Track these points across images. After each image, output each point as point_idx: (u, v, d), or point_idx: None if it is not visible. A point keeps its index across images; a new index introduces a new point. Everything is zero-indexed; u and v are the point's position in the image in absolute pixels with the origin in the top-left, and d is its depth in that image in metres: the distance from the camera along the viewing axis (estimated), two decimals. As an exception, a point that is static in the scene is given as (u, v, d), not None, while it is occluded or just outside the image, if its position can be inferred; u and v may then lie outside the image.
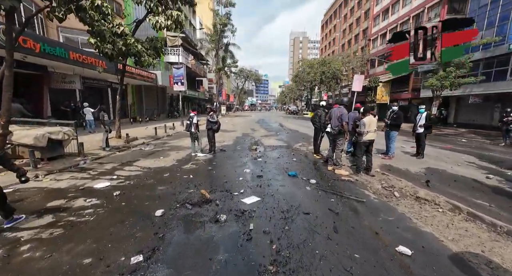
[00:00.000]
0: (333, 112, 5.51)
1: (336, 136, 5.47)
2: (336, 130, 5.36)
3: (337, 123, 5.37)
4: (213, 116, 7.45)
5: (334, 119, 5.43)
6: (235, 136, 12.77)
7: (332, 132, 5.46)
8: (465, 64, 15.47)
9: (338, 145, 5.50)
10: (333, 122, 5.45)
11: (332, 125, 5.47)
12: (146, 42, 9.77)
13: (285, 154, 7.83)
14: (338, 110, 5.40)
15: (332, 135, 5.57)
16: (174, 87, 19.58)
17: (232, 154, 7.76)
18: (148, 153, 8.01)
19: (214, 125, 7.50)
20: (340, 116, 5.31)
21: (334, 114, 5.45)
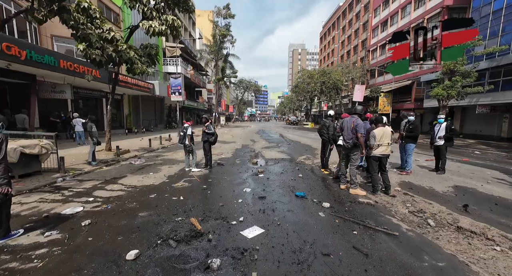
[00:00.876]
0: (346, 122, 4.80)
1: (350, 150, 4.74)
2: (350, 143, 4.63)
3: (351, 135, 4.65)
4: (210, 126, 6.76)
5: (347, 130, 4.71)
6: (234, 148, 12.03)
7: (345, 145, 4.72)
8: (470, 73, 15.04)
9: (353, 160, 4.76)
10: (346, 134, 4.73)
11: (345, 138, 4.74)
12: (140, 49, 9.25)
13: (289, 169, 7.06)
14: (351, 120, 4.70)
15: (345, 149, 4.83)
16: (171, 97, 19.07)
17: (230, 169, 6.98)
18: (138, 168, 7.23)
19: (211, 137, 6.80)
20: (355, 127, 4.60)
21: (347, 124, 4.74)
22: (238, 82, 54.34)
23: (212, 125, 6.83)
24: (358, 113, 4.85)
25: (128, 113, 20.50)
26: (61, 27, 6.87)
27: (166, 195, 4.56)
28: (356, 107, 4.91)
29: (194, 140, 6.97)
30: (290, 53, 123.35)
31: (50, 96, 11.89)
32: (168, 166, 7.57)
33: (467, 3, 21.17)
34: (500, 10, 16.88)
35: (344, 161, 5.01)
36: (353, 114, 4.84)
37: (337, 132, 5.24)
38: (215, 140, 6.97)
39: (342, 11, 46.40)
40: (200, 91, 43.24)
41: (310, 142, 14.67)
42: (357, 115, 4.82)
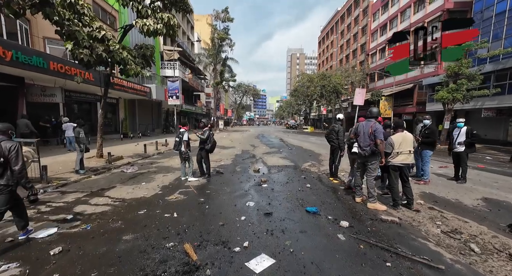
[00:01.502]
0: (362, 127, 4.25)
1: (367, 159, 4.18)
2: (367, 150, 4.07)
3: (368, 142, 4.09)
4: (204, 132, 6.12)
5: (364, 136, 4.16)
6: (234, 153, 11.45)
7: (362, 153, 4.16)
8: (475, 76, 14.67)
9: (370, 170, 4.19)
10: (363, 141, 4.17)
11: (362, 145, 4.18)
12: (134, 50, 8.72)
13: (294, 177, 6.48)
14: (368, 125, 4.15)
15: (361, 158, 4.27)
16: (168, 101, 18.54)
17: (230, 178, 6.39)
18: (129, 177, 6.62)
19: (206, 145, 6.15)
20: (373, 133, 4.05)
21: (364, 129, 4.18)
22: (236, 86, 54.03)
23: (209, 130, 6.20)
24: (374, 117, 4.31)
25: (124, 117, 19.90)
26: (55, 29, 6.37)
27: (158, 211, 3.95)
28: (371, 110, 4.36)
29: (190, 146, 6.38)
30: (289, 58, 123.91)
31: (39, 100, 11.29)
32: (162, 174, 6.96)
33: (468, 7, 21.03)
34: (503, 12, 16.65)
35: (359, 171, 4.44)
36: (369, 118, 4.30)
37: (351, 138, 4.67)
38: (212, 148, 6.25)
39: (340, 16, 46.53)
40: (199, 95, 42.82)
41: (313, 147, 14.13)
42: (374, 119, 4.28)
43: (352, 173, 5.27)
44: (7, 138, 2.92)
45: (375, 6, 34.13)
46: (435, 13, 23.13)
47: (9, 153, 2.77)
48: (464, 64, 14.72)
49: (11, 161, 2.77)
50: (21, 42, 11.61)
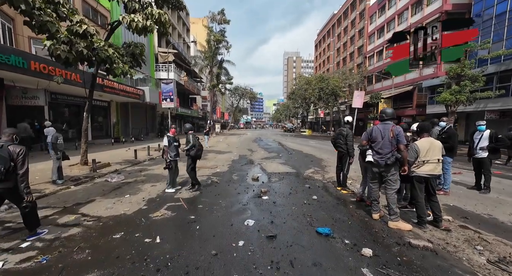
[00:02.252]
0: (378, 131, 3.63)
1: (386, 169, 3.55)
2: (390, 159, 3.45)
3: (390, 148, 3.46)
4: (189, 136, 5.45)
5: (383, 142, 3.54)
6: (231, 159, 10.76)
7: (382, 162, 3.52)
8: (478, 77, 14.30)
9: (391, 182, 3.55)
10: (382, 147, 3.54)
11: (381, 151, 3.55)
12: (122, 48, 8.06)
13: (298, 187, 5.82)
14: (387, 128, 3.54)
15: (378, 167, 3.63)
16: (162, 104, 17.82)
17: (226, 189, 5.70)
18: (113, 187, 5.90)
19: (191, 150, 5.41)
20: (395, 137, 3.45)
21: (382, 134, 3.57)
22: (233, 89, 53.50)
23: (193, 135, 5.49)
24: (391, 118, 3.69)
25: (115, 121, 19.10)
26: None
27: (137, 235, 3.25)
28: (385, 111, 3.71)
29: (178, 153, 5.67)
30: (285, 61, 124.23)
31: (20, 103, 10.52)
32: (151, 184, 6.25)
33: (466, 8, 20.87)
34: (503, 13, 16.43)
35: (375, 183, 3.80)
36: (385, 120, 3.68)
37: (363, 144, 4.02)
38: (198, 153, 5.49)
39: (337, 19, 46.55)
40: (195, 98, 42.14)
41: (313, 151, 13.51)
42: (390, 121, 3.67)
43: (365, 183, 4.65)
44: (12, 142, 3.02)
45: (372, 8, 34.06)
46: (433, 15, 22.94)
47: (17, 157, 2.89)
48: (467, 65, 14.34)
49: (18, 165, 2.88)
50: (3, 42, 10.88)
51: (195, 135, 5.50)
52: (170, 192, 5.40)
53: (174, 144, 5.44)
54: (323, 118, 46.39)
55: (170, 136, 5.53)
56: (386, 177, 3.57)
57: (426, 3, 24.01)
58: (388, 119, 3.67)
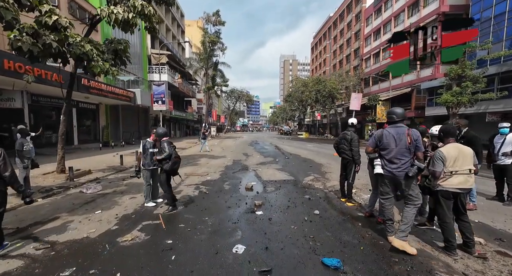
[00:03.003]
0: (390, 136, 2.97)
1: (408, 182, 2.89)
2: (411, 170, 2.80)
3: (408, 156, 2.84)
4: (163, 145, 4.26)
5: (399, 149, 2.89)
6: (224, 164, 10.06)
7: (399, 174, 2.87)
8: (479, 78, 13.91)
9: (412, 198, 2.90)
10: (398, 155, 2.89)
11: (396, 161, 2.89)
12: (103, 45, 7.35)
13: (297, 198, 5.15)
14: (402, 132, 2.91)
15: (392, 180, 2.98)
16: (153, 106, 17.11)
17: (215, 202, 5.00)
18: (86, 200, 5.15)
19: (164, 162, 4.21)
20: (414, 143, 2.84)
21: (396, 139, 2.92)
22: (229, 92, 52.96)
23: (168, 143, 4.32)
24: (403, 119, 3.04)
25: (105, 124, 18.26)
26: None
27: (92, 272, 2.52)
28: (394, 111, 3.07)
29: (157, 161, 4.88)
30: (281, 64, 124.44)
31: (-6, 105, 9.70)
32: (130, 196, 5.51)
33: (464, 9, 20.69)
34: (502, 14, 16.17)
35: (388, 199, 3.12)
36: (396, 122, 3.02)
37: (369, 151, 3.38)
38: (174, 168, 4.26)
39: (333, 22, 46.51)
40: (190, 101, 41.40)
41: (312, 156, 12.88)
42: (401, 123, 3.03)
43: (375, 196, 4.00)
44: None
45: (368, 11, 33.96)
46: (430, 16, 22.73)
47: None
48: (468, 65, 13.96)
49: (0, 168, 2.80)
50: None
51: (171, 143, 4.38)
52: (150, 206, 4.68)
53: (150, 151, 4.72)
54: (320, 121, 45.98)
55: (148, 142, 4.82)
56: (404, 191, 2.91)
57: (423, 4, 23.84)
58: (400, 121, 3.04)
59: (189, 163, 10.71)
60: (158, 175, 5.02)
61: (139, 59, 24.83)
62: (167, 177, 4.41)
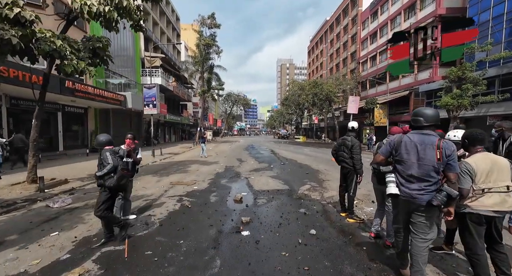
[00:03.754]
0: (411, 145, 2.22)
1: (430, 212, 2.18)
2: (440, 196, 2.03)
3: (436, 178, 2.12)
4: (105, 155, 3.36)
5: (422, 164, 2.15)
6: (215, 172, 9.40)
7: (421, 199, 2.15)
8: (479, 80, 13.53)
9: (425, 230, 2.20)
10: (421, 173, 2.16)
11: (416, 181, 2.18)
12: (80, 42, 6.74)
13: (291, 213, 4.52)
14: (429, 142, 2.15)
15: (413, 205, 2.23)
16: (144, 110, 16.44)
17: (197, 218, 4.34)
18: (48, 218, 4.46)
19: (108, 177, 3.27)
20: (447, 159, 2.06)
21: (419, 150, 2.17)
22: (226, 96, 52.49)
23: (111, 153, 3.42)
24: (434, 124, 2.23)
25: (93, 129, 17.52)
26: None
27: None
28: (423, 111, 2.26)
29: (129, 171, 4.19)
30: (278, 68, 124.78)
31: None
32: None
33: (461, 12, 20.52)
34: (501, 15, 15.93)
35: (399, 226, 2.43)
36: (424, 128, 2.22)
37: (378, 161, 2.55)
38: (121, 183, 3.32)
39: (329, 25, 46.53)
40: (185, 105, 40.79)
41: (308, 161, 12.28)
42: (430, 130, 2.24)
43: (381, 213, 3.39)
44: None
45: (364, 14, 33.89)
46: (427, 19, 22.48)
47: None
48: (468, 67, 13.57)
49: None
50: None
51: (116, 152, 3.56)
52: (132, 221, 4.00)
53: (122, 160, 4.07)
54: (317, 125, 45.56)
55: (122, 149, 4.17)
56: (417, 218, 2.22)
57: (419, 7, 23.70)
58: (429, 127, 2.22)
59: (178, 170, 10.05)
60: (131, 187, 4.39)
61: (132, 62, 24.27)
62: (110, 196, 3.29)
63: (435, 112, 2.27)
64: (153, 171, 9.79)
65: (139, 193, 6.18)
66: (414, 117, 2.31)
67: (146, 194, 6.02)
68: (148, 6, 26.75)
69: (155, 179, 8.15)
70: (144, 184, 7.26)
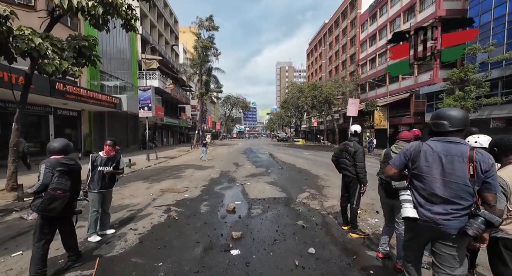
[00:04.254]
0: (435, 156, 1.72)
1: (459, 242, 1.67)
2: (476, 224, 1.53)
3: (468, 199, 1.61)
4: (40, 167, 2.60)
5: (450, 179, 1.65)
6: (210, 177, 8.96)
7: (449, 227, 1.64)
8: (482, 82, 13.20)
9: (452, 263, 1.70)
10: (447, 192, 1.66)
11: (444, 204, 1.69)
12: (65, 41, 6.35)
13: (287, 227, 4.08)
14: (460, 152, 1.65)
15: (435, 232, 1.72)
16: (139, 113, 16.02)
17: (182, 232, 3.90)
18: (18, 232, 4.02)
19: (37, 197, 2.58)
20: (484, 175, 1.57)
21: (446, 162, 1.67)
22: (225, 98, 52.22)
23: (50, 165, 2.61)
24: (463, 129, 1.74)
25: (87, 132, 17.08)
26: None
27: None
28: (447, 113, 1.77)
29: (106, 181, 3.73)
30: (278, 71, 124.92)
31: None
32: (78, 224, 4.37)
33: (461, 13, 20.35)
34: (502, 16, 15.67)
35: (414, 261, 1.95)
36: (449, 134, 1.74)
37: (390, 174, 2.01)
38: (51, 207, 2.51)
39: (328, 28, 46.50)
40: (184, 108, 40.43)
41: (308, 165, 11.85)
42: (458, 136, 1.73)
43: (390, 230, 2.96)
44: None
45: (363, 17, 33.78)
46: (426, 21, 22.23)
47: None
48: (470, 69, 13.25)
49: None
50: None
51: (52, 165, 2.58)
52: (93, 241, 3.55)
53: (99, 168, 3.65)
54: (317, 127, 45.21)
55: (100, 156, 3.74)
56: (442, 248, 1.73)
57: (419, 9, 23.53)
58: (457, 133, 1.73)
59: (171, 175, 9.61)
60: (110, 199, 3.96)
61: (129, 65, 23.98)
62: (43, 223, 2.64)
63: (463, 113, 1.76)
64: (145, 176, 9.35)
65: (125, 202, 5.74)
66: (436, 120, 1.81)
67: (132, 203, 5.57)
68: (145, 8, 26.56)
69: (145, 185, 7.71)
70: (132, 191, 6.82)
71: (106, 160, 3.71)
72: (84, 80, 16.58)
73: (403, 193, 1.91)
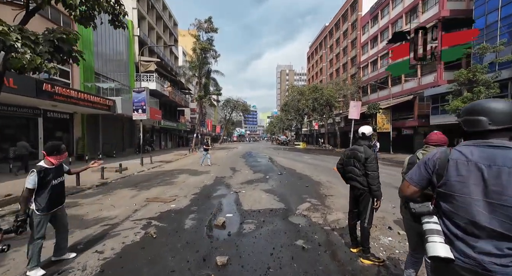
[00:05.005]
0: (473, 167, 1.12)
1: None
2: None
3: None
4: None
5: (494, 204, 1.05)
6: (203, 184, 8.30)
7: (500, 273, 1.01)
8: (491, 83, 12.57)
9: None
10: (491, 223, 1.05)
11: (493, 239, 1.04)
12: (41, 35, 5.77)
13: (284, 249, 3.40)
14: (509, 162, 1.05)
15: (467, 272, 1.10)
16: (133, 115, 15.45)
17: (157, 257, 3.22)
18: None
19: None
20: None
21: (490, 177, 1.07)
22: (225, 102, 51.77)
23: None
24: (507, 129, 1.14)
25: (80, 136, 16.49)
26: None
27: None
28: (485, 106, 1.18)
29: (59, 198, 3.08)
30: (278, 74, 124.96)
31: None
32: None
33: (465, 14, 19.81)
34: (510, 16, 15.10)
35: None
36: (486, 134, 1.17)
37: (408, 195, 1.38)
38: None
39: (328, 31, 46.22)
40: (183, 111, 39.92)
41: (308, 170, 11.16)
42: (505, 138, 1.14)
43: (416, 261, 2.29)
44: None
45: (364, 19, 33.40)
46: (429, 22, 21.75)
47: None
48: (479, 69, 12.63)
49: None
50: None
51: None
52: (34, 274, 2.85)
53: (53, 182, 2.97)
54: (317, 131, 44.54)
55: (47, 168, 2.97)
56: None
57: (422, 10, 23.06)
58: (503, 132, 1.16)
59: (162, 181, 8.95)
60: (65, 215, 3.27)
61: (126, 66, 23.53)
62: None
63: (508, 106, 1.17)
64: (134, 183, 8.70)
65: (103, 214, 5.08)
66: (469, 116, 1.23)
67: (109, 216, 4.91)
68: (143, 10, 26.24)
69: (131, 193, 7.05)
70: (115, 201, 6.16)
71: (56, 171, 3.01)
72: (78, 82, 16.08)
73: (427, 221, 1.26)
